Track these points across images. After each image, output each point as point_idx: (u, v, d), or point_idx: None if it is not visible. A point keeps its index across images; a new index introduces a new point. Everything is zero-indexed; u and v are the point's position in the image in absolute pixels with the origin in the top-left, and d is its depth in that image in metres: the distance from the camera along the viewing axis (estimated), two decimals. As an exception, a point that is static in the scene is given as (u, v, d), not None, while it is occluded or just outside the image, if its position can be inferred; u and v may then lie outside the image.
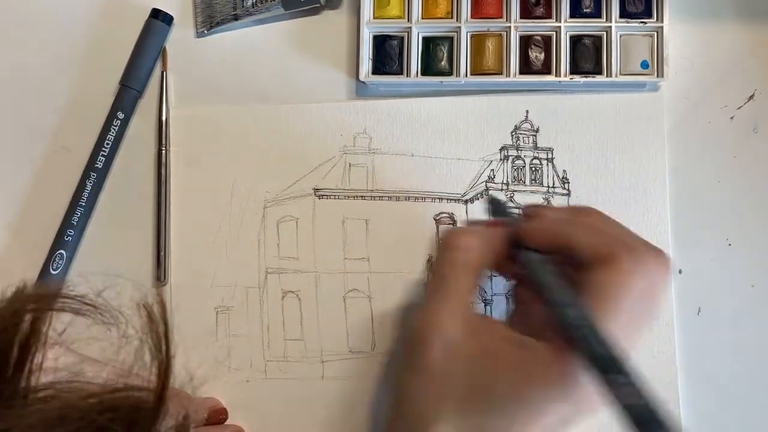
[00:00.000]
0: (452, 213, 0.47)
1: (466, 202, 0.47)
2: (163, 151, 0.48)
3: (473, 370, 0.34)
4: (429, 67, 0.47)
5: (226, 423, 0.45)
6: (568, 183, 0.47)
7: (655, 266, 0.34)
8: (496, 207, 0.41)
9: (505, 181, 0.47)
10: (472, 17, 0.47)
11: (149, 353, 0.32)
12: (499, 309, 0.46)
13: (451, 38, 0.47)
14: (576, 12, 0.47)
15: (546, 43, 0.47)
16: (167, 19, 0.49)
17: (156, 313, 0.34)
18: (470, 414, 0.33)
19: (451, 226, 0.46)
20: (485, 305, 0.46)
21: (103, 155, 0.48)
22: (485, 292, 0.46)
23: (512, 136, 0.47)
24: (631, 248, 0.34)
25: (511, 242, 0.37)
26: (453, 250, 0.37)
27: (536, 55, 0.47)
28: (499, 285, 0.46)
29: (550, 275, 0.35)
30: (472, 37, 0.47)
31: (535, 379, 0.33)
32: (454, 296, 0.36)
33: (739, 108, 0.47)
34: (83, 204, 0.48)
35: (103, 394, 0.30)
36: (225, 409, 0.45)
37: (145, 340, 0.32)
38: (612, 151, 0.47)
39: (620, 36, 0.46)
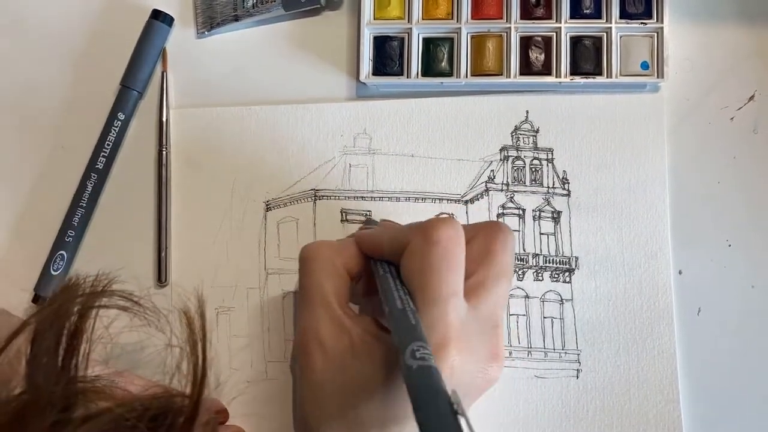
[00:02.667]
0: (452, 214, 0.47)
1: (466, 202, 0.47)
2: (164, 152, 0.48)
3: (345, 367, 0.34)
4: (429, 68, 0.47)
5: (227, 423, 0.45)
6: (568, 183, 0.47)
7: (435, 229, 0.35)
8: (365, 225, 0.43)
9: (505, 182, 0.47)
10: (472, 18, 0.47)
11: (186, 361, 0.35)
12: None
13: (452, 39, 0.47)
14: (576, 13, 0.47)
15: (546, 43, 0.47)
16: (168, 20, 0.49)
17: (196, 323, 0.37)
18: (350, 409, 0.34)
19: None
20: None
21: (103, 156, 0.48)
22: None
23: (512, 136, 0.47)
24: (417, 228, 0.36)
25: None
26: (306, 261, 0.37)
27: (536, 55, 0.47)
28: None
29: (383, 279, 0.36)
30: (472, 37, 0.47)
31: (394, 374, 0.33)
32: (318, 304, 0.36)
33: (739, 109, 0.47)
34: (84, 204, 0.48)
35: (143, 400, 0.33)
36: (226, 410, 0.45)
37: (184, 348, 0.36)
38: (612, 151, 0.47)
39: (620, 37, 0.46)
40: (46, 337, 0.34)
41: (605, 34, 0.46)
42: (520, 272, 0.47)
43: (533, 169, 0.47)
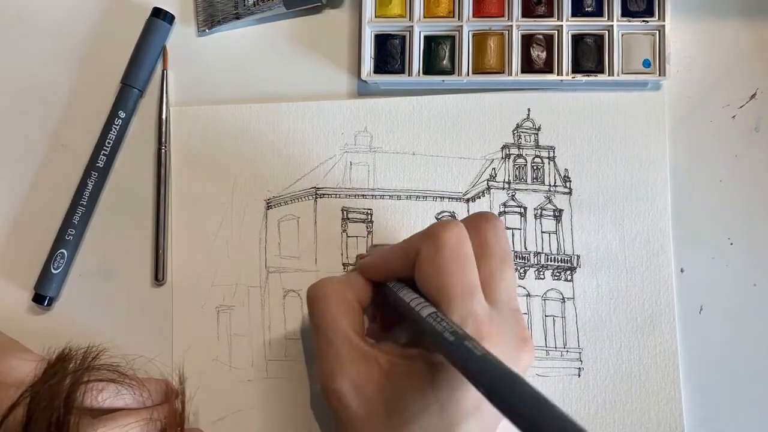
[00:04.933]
0: (454, 212, 0.47)
1: (467, 200, 0.47)
2: (164, 150, 0.48)
3: (384, 394, 0.35)
4: (431, 66, 0.47)
5: (186, 427, 0.45)
6: (570, 181, 0.47)
7: (440, 232, 0.36)
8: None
9: (506, 180, 0.47)
10: (473, 16, 0.47)
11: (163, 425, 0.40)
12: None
13: (453, 37, 0.47)
14: (578, 11, 0.47)
15: (548, 41, 0.47)
16: (168, 18, 0.49)
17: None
18: (406, 430, 0.35)
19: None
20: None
21: (104, 154, 0.48)
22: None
23: (514, 134, 0.47)
24: (424, 235, 0.37)
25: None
26: (317, 300, 0.38)
27: (538, 53, 0.47)
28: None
29: (403, 294, 0.37)
30: (473, 35, 0.47)
31: (440, 381, 0.35)
32: (340, 342, 0.37)
33: (741, 107, 0.47)
34: (84, 203, 0.48)
35: None
36: (182, 413, 0.45)
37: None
38: (613, 149, 0.47)
39: (622, 35, 0.46)
40: (40, 415, 0.37)
41: (607, 32, 0.46)
42: (521, 270, 0.47)
43: (535, 167, 0.47)
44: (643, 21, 0.46)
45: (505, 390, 0.28)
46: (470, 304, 0.35)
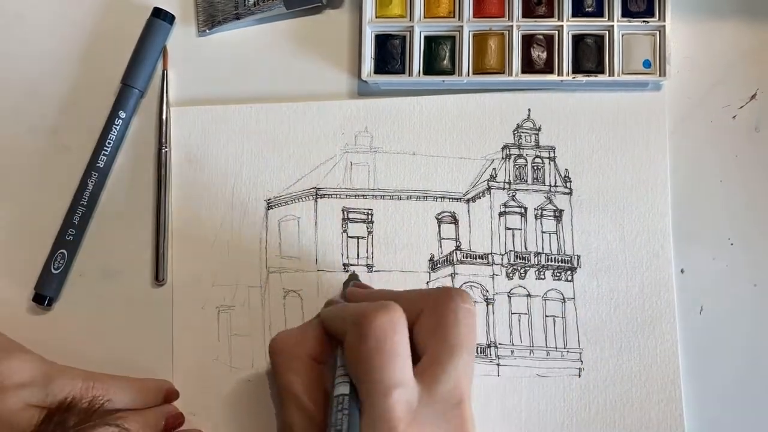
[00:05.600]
0: (454, 212, 0.47)
1: (468, 201, 0.47)
2: (164, 150, 0.48)
3: None
4: (431, 67, 0.47)
5: (185, 428, 0.45)
6: (570, 182, 0.47)
7: (368, 320, 0.35)
8: (345, 285, 0.44)
9: (507, 180, 0.47)
10: (474, 16, 0.47)
11: None
12: (502, 309, 0.46)
13: (453, 37, 0.47)
14: (578, 11, 0.47)
15: (548, 42, 0.47)
16: (169, 18, 0.49)
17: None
18: None
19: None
20: (487, 304, 0.46)
21: (104, 154, 0.48)
22: (487, 291, 0.46)
23: (514, 134, 0.47)
24: (353, 319, 0.36)
25: None
26: (272, 357, 0.39)
27: (538, 54, 0.47)
28: (501, 284, 0.46)
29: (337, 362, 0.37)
30: (474, 36, 0.47)
31: None
32: (288, 399, 0.37)
33: (741, 107, 0.47)
34: (84, 203, 0.47)
35: None
36: (181, 414, 0.45)
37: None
38: (614, 149, 0.47)
39: (622, 35, 0.46)
40: None
41: (607, 32, 0.46)
42: (522, 270, 0.47)
43: (535, 168, 0.47)
44: (644, 21, 0.46)
45: None
46: (388, 403, 0.33)
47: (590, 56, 0.46)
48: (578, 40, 0.47)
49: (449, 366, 0.35)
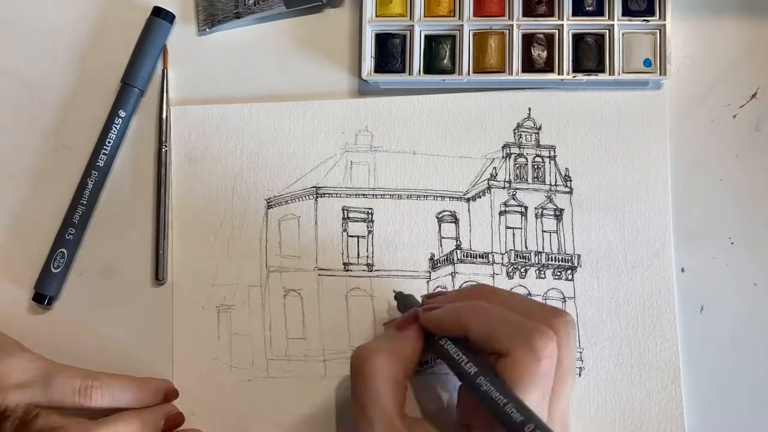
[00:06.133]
0: (454, 211, 0.47)
1: (468, 200, 0.47)
2: (164, 149, 0.48)
3: None
4: (431, 66, 0.47)
5: (185, 428, 0.45)
6: (570, 181, 0.47)
7: (542, 343, 0.35)
8: (402, 302, 0.43)
9: (507, 179, 0.47)
10: (474, 15, 0.47)
11: None
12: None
13: (454, 36, 0.47)
14: (578, 10, 0.47)
15: (548, 41, 0.47)
16: (169, 18, 0.49)
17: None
18: None
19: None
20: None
21: (104, 154, 0.48)
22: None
23: (515, 133, 0.47)
24: (521, 336, 0.35)
25: (425, 335, 0.39)
26: (364, 377, 0.37)
27: (539, 53, 0.47)
28: (501, 283, 0.46)
29: (458, 353, 0.36)
30: (474, 35, 0.47)
31: None
32: (378, 419, 0.36)
33: (742, 106, 0.47)
34: (84, 202, 0.47)
35: None
36: (181, 413, 0.45)
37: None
38: (614, 149, 0.47)
39: (623, 34, 0.46)
40: None
41: (607, 31, 0.46)
42: (522, 270, 0.47)
43: (535, 167, 0.47)
44: (644, 20, 0.46)
45: None
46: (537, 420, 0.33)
47: (590, 55, 0.46)
48: (578, 39, 0.47)
49: (563, 392, 0.36)
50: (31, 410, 0.40)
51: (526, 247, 0.47)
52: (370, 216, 0.47)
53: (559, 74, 0.46)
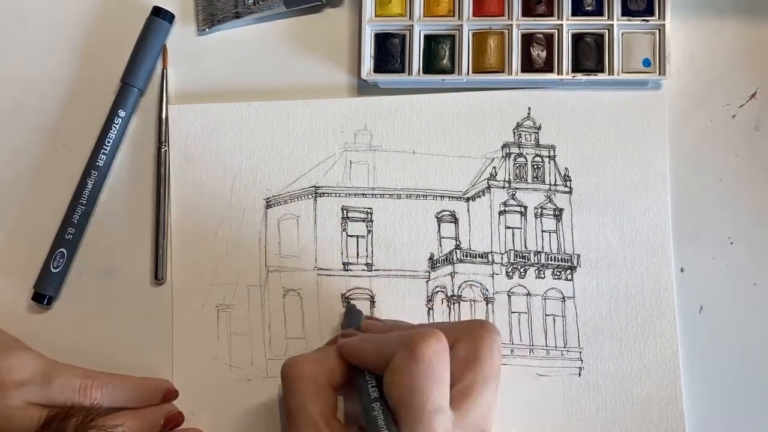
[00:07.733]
0: (454, 211, 0.47)
1: (467, 200, 0.47)
2: (164, 149, 0.48)
3: None
4: (431, 65, 0.47)
5: (185, 427, 0.45)
6: (570, 181, 0.47)
7: (423, 343, 0.35)
8: (346, 317, 0.44)
9: (506, 179, 0.47)
10: (473, 15, 0.47)
11: None
12: (502, 308, 0.46)
13: (453, 36, 0.47)
14: (578, 10, 0.47)
15: (548, 40, 0.47)
16: (168, 17, 0.49)
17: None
18: None
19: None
20: (487, 303, 0.46)
21: (104, 153, 0.48)
22: (487, 290, 0.46)
23: (514, 133, 0.47)
24: (401, 344, 0.36)
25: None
26: (290, 381, 0.38)
27: (538, 53, 0.47)
28: (501, 283, 0.46)
29: (365, 377, 0.37)
30: (473, 35, 0.47)
31: None
32: (304, 426, 0.37)
33: (741, 106, 0.47)
34: (84, 202, 0.47)
35: None
36: (180, 413, 0.45)
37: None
38: (614, 148, 0.47)
39: (622, 34, 0.46)
40: None
41: (607, 31, 0.46)
42: (521, 269, 0.47)
43: (535, 166, 0.47)
44: (644, 20, 0.46)
45: None
46: (429, 427, 0.34)
47: (590, 55, 0.46)
48: (578, 38, 0.47)
49: (481, 396, 0.36)
50: (93, 412, 0.41)
51: (526, 247, 0.47)
52: (369, 215, 0.47)
53: (558, 74, 0.46)
